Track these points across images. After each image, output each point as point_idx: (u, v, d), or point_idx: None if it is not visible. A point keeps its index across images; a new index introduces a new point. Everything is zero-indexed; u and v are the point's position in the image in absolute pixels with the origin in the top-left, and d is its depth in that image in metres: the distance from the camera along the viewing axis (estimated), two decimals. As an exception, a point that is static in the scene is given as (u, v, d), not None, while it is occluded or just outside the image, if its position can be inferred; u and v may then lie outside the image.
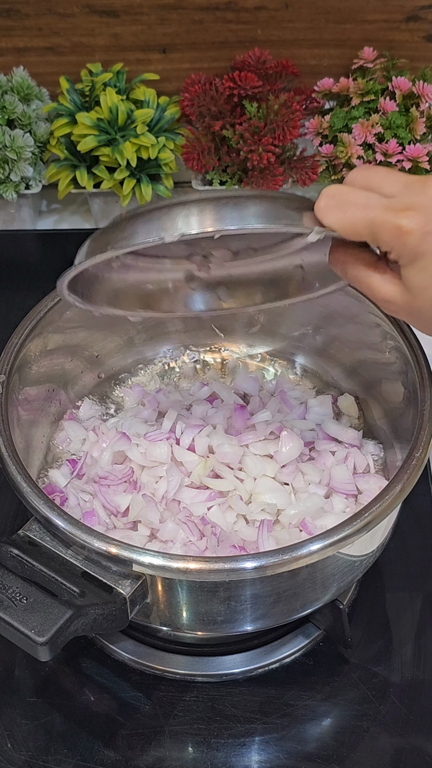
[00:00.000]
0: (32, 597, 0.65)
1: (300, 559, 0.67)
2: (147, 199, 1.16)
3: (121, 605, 0.67)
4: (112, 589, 0.68)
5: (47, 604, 0.64)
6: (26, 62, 1.22)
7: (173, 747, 0.78)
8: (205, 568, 0.67)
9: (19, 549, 0.69)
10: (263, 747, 0.79)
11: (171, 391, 0.93)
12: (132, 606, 0.68)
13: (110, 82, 1.16)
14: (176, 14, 1.18)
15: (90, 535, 0.69)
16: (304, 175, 1.15)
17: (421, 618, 0.87)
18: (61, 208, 1.30)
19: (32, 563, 0.68)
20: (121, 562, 0.68)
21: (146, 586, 0.69)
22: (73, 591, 0.67)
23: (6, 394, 0.79)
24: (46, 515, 0.70)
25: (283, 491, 0.83)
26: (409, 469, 0.72)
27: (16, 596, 0.64)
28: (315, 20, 1.19)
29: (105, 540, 0.68)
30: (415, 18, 1.19)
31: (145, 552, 0.68)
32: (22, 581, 0.65)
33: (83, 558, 0.70)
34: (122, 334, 0.96)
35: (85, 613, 0.65)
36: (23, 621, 0.63)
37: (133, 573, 0.68)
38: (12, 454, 0.75)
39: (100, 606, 0.66)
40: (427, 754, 0.77)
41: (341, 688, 0.82)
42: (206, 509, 0.81)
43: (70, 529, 0.69)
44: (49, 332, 0.87)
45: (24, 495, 0.72)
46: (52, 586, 0.67)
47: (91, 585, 0.68)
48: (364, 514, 0.69)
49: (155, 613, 0.73)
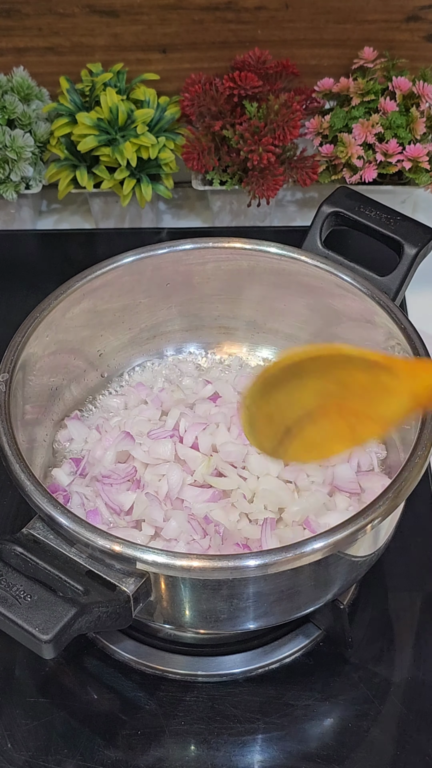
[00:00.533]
0: (36, 595, 0.64)
1: (303, 557, 0.67)
2: (147, 199, 1.16)
3: (124, 603, 0.67)
4: (116, 587, 0.68)
5: (51, 602, 0.64)
6: (26, 62, 1.22)
7: (174, 747, 0.78)
8: (209, 566, 0.67)
9: (23, 547, 0.69)
10: (263, 747, 0.79)
11: (174, 390, 0.93)
12: (135, 604, 0.69)
13: (110, 82, 1.16)
14: (176, 14, 1.18)
15: (93, 533, 0.69)
16: (304, 175, 1.15)
17: (422, 618, 0.87)
18: (61, 208, 1.30)
19: (36, 561, 0.68)
20: (125, 560, 0.68)
21: (150, 584, 0.69)
22: (77, 589, 0.67)
23: (9, 392, 0.79)
24: (49, 513, 0.70)
25: (287, 489, 0.83)
26: (411, 467, 0.72)
27: (20, 594, 0.64)
28: (315, 20, 1.19)
29: (108, 538, 0.68)
30: (415, 18, 1.19)
31: (148, 550, 0.68)
32: (26, 579, 0.65)
33: (87, 556, 0.70)
34: (125, 332, 0.96)
35: (89, 611, 0.65)
36: (27, 619, 0.63)
37: (136, 571, 0.68)
38: (15, 453, 0.75)
39: (104, 604, 0.66)
40: (427, 754, 0.77)
41: (341, 688, 0.82)
42: (209, 509, 0.81)
43: (74, 527, 0.69)
44: (52, 331, 0.87)
45: (28, 493, 0.72)
46: (55, 584, 0.67)
47: (94, 583, 0.68)
48: (368, 512, 0.70)
49: (158, 611, 0.73)
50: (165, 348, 0.99)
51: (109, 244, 1.23)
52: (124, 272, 0.91)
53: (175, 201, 1.30)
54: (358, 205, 0.91)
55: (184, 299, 0.96)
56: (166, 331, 0.99)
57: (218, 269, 0.94)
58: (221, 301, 0.97)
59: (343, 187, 0.94)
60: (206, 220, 1.27)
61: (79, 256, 1.23)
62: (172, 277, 0.94)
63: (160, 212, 1.29)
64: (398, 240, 0.89)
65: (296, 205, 1.29)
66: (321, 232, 0.92)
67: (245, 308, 0.98)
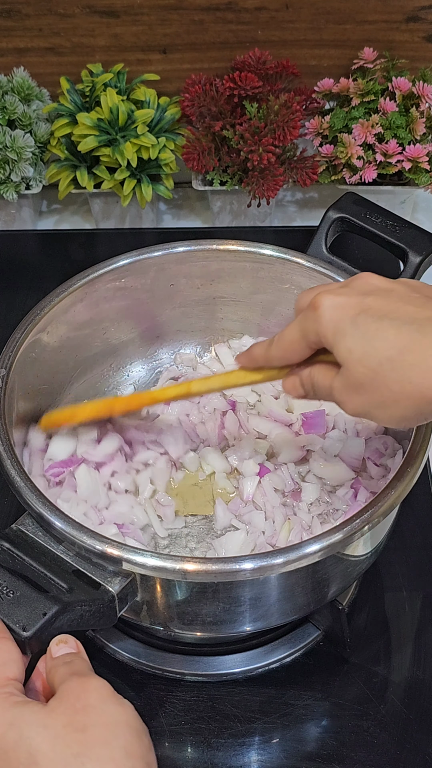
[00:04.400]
0: (19, 591, 0.65)
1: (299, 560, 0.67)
2: (147, 199, 1.16)
3: (108, 602, 0.67)
4: (100, 585, 0.68)
5: (34, 598, 0.64)
6: (27, 62, 1.22)
7: (173, 746, 0.78)
8: (202, 570, 0.67)
9: (10, 543, 0.70)
10: (263, 747, 0.79)
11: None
12: (121, 604, 0.69)
13: (111, 82, 1.16)
14: (176, 15, 1.18)
15: (81, 531, 0.69)
16: (304, 175, 1.16)
17: (421, 618, 0.87)
18: (61, 208, 1.30)
19: (22, 557, 0.69)
20: (111, 560, 0.68)
21: (136, 584, 0.69)
22: (62, 587, 0.67)
23: (5, 389, 0.80)
24: (38, 511, 0.71)
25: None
26: (405, 475, 0.72)
27: (3, 590, 0.65)
28: (315, 21, 1.19)
29: (95, 537, 0.68)
30: (415, 18, 1.19)
31: (136, 551, 0.68)
32: (9, 575, 0.66)
33: (74, 554, 0.70)
34: (126, 332, 0.96)
35: (71, 609, 0.65)
36: (8, 614, 0.64)
37: (122, 571, 0.68)
38: (8, 449, 0.75)
39: (88, 603, 0.66)
40: (427, 754, 0.77)
41: (341, 688, 0.82)
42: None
43: (62, 525, 0.69)
44: (51, 329, 0.87)
45: (17, 489, 0.72)
46: (41, 581, 0.67)
47: (80, 581, 0.68)
48: (363, 515, 0.70)
49: (145, 612, 0.73)
50: (165, 348, 1.00)
51: (110, 244, 1.23)
52: (124, 272, 0.91)
53: (175, 201, 1.30)
54: (364, 211, 0.92)
55: (185, 300, 0.97)
56: (167, 331, 0.99)
57: (221, 271, 0.94)
58: (224, 302, 0.97)
59: (350, 193, 0.94)
60: (206, 221, 1.27)
61: (79, 256, 1.23)
62: (175, 278, 0.95)
63: (161, 212, 1.29)
64: (403, 248, 0.89)
65: (296, 205, 1.30)
66: (327, 237, 0.92)
67: (246, 310, 0.98)
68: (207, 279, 0.95)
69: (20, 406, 0.83)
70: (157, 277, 0.93)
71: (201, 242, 0.93)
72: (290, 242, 0.94)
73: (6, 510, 0.94)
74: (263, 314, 0.97)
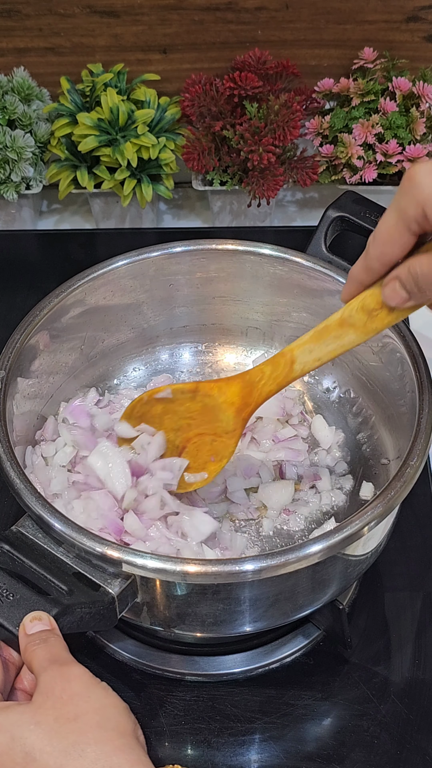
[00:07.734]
0: (19, 593, 0.65)
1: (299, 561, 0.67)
2: (148, 199, 1.16)
3: (109, 604, 0.67)
4: (100, 587, 0.68)
5: (33, 601, 0.65)
6: (27, 62, 1.22)
7: (174, 746, 0.78)
8: (202, 571, 0.67)
9: (10, 545, 0.70)
10: (263, 746, 0.79)
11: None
12: (121, 605, 0.68)
13: (111, 82, 1.16)
14: (177, 15, 1.18)
15: (80, 534, 0.69)
16: (304, 175, 1.16)
17: (421, 618, 0.87)
18: (61, 208, 1.30)
19: (22, 559, 0.69)
20: (111, 562, 0.68)
21: (136, 586, 0.69)
22: (62, 589, 0.67)
23: (5, 389, 0.80)
24: (38, 513, 0.70)
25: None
26: (403, 477, 0.72)
27: (2, 592, 0.65)
28: (315, 21, 1.19)
29: (95, 539, 0.68)
30: (415, 18, 1.19)
31: (136, 553, 0.68)
32: (9, 577, 0.66)
33: (74, 556, 0.70)
34: (126, 332, 0.96)
35: (71, 611, 0.65)
36: (8, 617, 0.64)
37: (122, 573, 0.68)
38: (7, 450, 0.75)
39: (87, 605, 0.66)
40: (427, 754, 0.78)
41: (341, 688, 0.82)
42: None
43: (62, 527, 0.69)
44: (50, 330, 0.87)
45: (17, 491, 0.72)
46: (41, 583, 0.67)
47: (80, 583, 0.68)
48: (363, 515, 0.70)
49: (145, 613, 0.72)
50: (164, 348, 1.00)
51: (110, 244, 1.23)
52: (124, 272, 0.91)
53: (175, 201, 1.30)
54: (363, 210, 0.92)
55: (185, 300, 0.97)
56: (166, 331, 0.99)
57: (221, 270, 0.94)
58: (224, 302, 0.97)
59: (350, 192, 0.94)
60: (206, 221, 1.27)
61: (79, 256, 1.23)
62: (174, 278, 0.95)
63: (161, 212, 1.29)
64: None
65: (296, 205, 1.30)
66: (326, 236, 0.92)
67: (246, 310, 0.98)
68: (206, 279, 0.95)
69: (20, 407, 0.83)
70: (156, 277, 0.93)
71: (200, 242, 0.93)
72: (290, 242, 0.94)
73: (6, 512, 0.94)
74: (263, 314, 0.97)
